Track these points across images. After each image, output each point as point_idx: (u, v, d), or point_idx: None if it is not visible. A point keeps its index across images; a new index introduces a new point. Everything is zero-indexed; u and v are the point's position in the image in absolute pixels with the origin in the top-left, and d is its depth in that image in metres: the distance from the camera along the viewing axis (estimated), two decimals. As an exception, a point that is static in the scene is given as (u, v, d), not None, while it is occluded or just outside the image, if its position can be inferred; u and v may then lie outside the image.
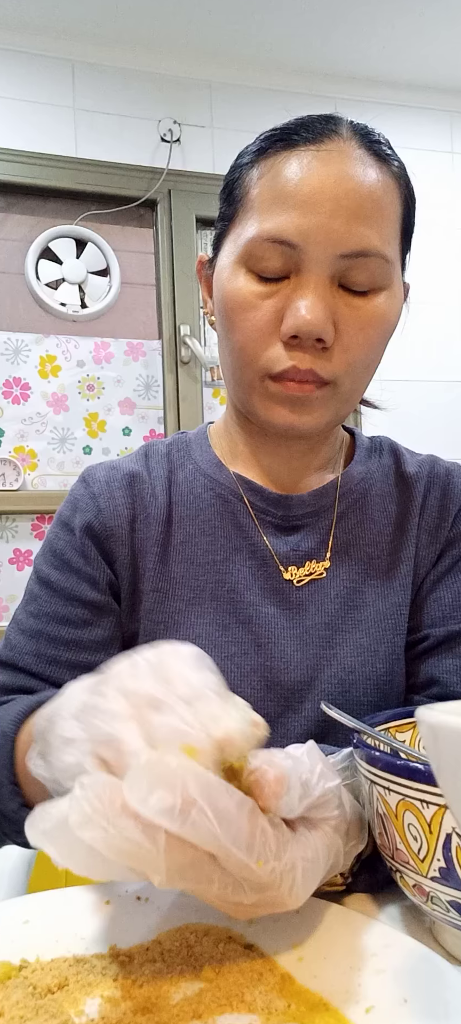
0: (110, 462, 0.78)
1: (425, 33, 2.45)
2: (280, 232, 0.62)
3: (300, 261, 0.63)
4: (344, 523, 0.74)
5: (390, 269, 0.65)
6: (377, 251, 0.63)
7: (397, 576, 0.73)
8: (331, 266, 0.63)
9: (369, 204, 0.62)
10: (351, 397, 0.69)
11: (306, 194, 0.62)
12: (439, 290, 2.68)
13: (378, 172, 0.64)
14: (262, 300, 0.64)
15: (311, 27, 2.39)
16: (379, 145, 0.66)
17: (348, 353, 0.65)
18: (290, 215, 0.62)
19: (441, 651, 0.71)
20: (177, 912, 0.45)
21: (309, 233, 0.61)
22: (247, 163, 0.68)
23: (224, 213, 0.70)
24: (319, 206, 0.61)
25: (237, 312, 0.65)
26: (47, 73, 2.39)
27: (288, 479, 0.75)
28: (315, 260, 0.62)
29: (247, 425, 0.75)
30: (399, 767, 0.41)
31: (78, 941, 0.43)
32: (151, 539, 0.72)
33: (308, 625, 0.70)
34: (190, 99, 2.52)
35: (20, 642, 0.71)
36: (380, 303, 0.65)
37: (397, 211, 0.66)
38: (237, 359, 0.67)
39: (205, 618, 0.70)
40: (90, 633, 0.70)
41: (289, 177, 0.63)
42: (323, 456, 0.76)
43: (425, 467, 0.78)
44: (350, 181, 0.62)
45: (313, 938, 0.42)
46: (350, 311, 0.64)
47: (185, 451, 0.79)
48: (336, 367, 0.65)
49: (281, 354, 0.64)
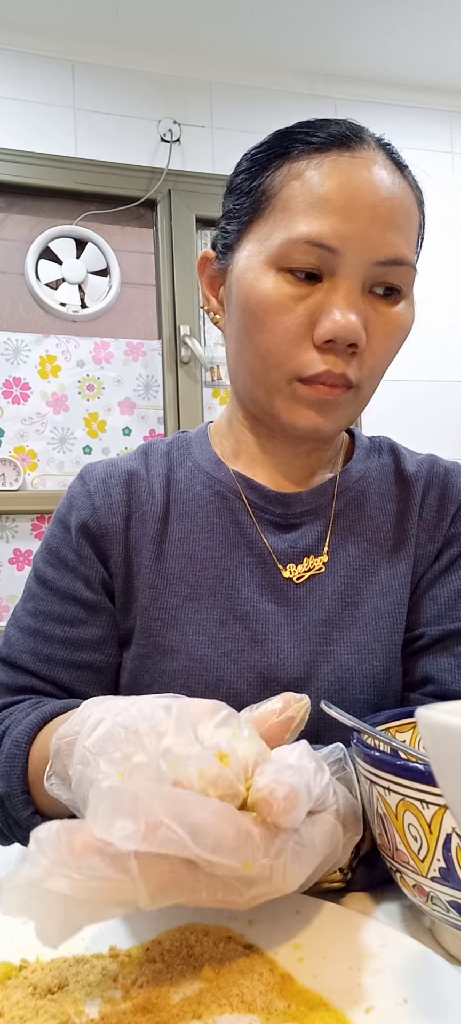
0: (110, 460, 0.78)
1: (425, 33, 2.45)
2: (320, 236, 0.62)
3: (336, 266, 0.63)
4: (342, 521, 0.75)
5: (414, 278, 0.67)
6: (407, 260, 0.65)
7: (395, 575, 0.73)
8: (365, 272, 0.64)
9: (401, 213, 0.64)
10: (367, 398, 0.71)
11: (345, 199, 0.62)
12: (439, 290, 2.68)
13: (401, 180, 0.66)
14: (295, 303, 0.64)
15: (311, 27, 2.39)
16: (396, 154, 0.68)
17: (374, 358, 0.66)
18: (329, 220, 0.62)
19: (437, 649, 0.71)
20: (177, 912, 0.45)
21: (348, 239, 0.62)
22: (269, 161, 0.67)
23: (240, 210, 0.69)
24: (358, 213, 0.62)
25: (268, 314, 0.65)
26: (47, 73, 2.39)
27: (288, 478, 0.76)
28: (352, 266, 0.63)
29: (255, 426, 0.75)
30: (399, 767, 0.41)
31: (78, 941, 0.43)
32: (147, 536, 0.73)
33: (305, 622, 0.70)
34: (190, 99, 2.52)
35: (18, 640, 0.72)
36: (402, 311, 0.67)
37: (417, 221, 0.68)
38: (262, 361, 0.67)
39: (202, 614, 0.70)
40: (85, 632, 0.71)
41: (327, 182, 0.63)
42: (325, 456, 0.77)
43: (424, 466, 0.78)
44: (384, 190, 0.63)
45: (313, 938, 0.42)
46: (378, 317, 0.66)
47: (185, 449, 0.79)
48: (362, 371, 0.66)
49: (314, 357, 0.65)
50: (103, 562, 0.73)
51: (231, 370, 0.74)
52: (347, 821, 0.45)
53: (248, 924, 0.43)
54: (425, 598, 0.73)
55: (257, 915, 0.44)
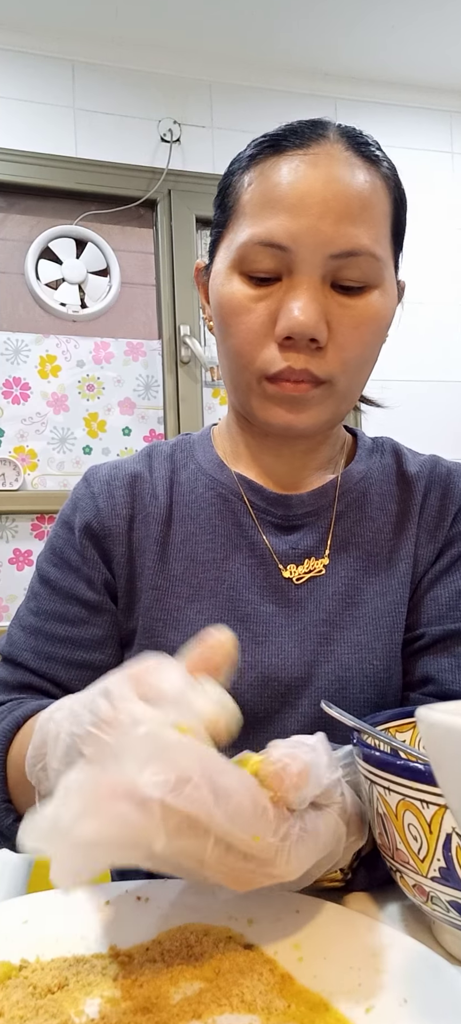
0: (114, 461, 0.79)
1: (425, 33, 2.45)
2: (270, 235, 0.63)
3: (291, 263, 0.64)
4: (343, 521, 0.75)
5: (381, 267, 0.66)
6: (366, 250, 0.64)
7: (396, 574, 0.73)
8: (322, 267, 0.64)
9: (357, 204, 0.63)
10: (348, 395, 0.69)
11: (295, 197, 0.63)
12: (439, 290, 2.68)
13: (366, 173, 0.65)
14: (255, 303, 0.65)
15: (311, 27, 2.39)
16: (367, 147, 0.67)
17: (343, 352, 0.66)
18: (280, 218, 0.63)
19: (437, 649, 0.71)
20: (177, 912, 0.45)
21: (298, 235, 0.63)
22: (238, 170, 0.69)
23: (218, 220, 0.72)
24: (308, 209, 0.63)
25: (232, 316, 0.67)
26: (47, 73, 2.39)
27: (289, 479, 0.76)
28: (306, 262, 0.63)
29: (248, 427, 0.75)
30: (399, 767, 0.41)
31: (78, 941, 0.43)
32: (150, 538, 0.73)
33: (306, 622, 0.71)
34: (190, 99, 2.52)
35: (20, 638, 0.73)
36: (372, 302, 0.66)
37: (386, 211, 0.67)
38: (234, 362, 0.68)
39: (203, 615, 0.71)
40: (86, 631, 0.72)
41: (278, 181, 0.64)
42: (323, 456, 0.77)
43: (426, 467, 0.78)
44: (337, 183, 0.63)
45: (313, 938, 0.42)
46: (343, 310, 0.65)
47: (188, 452, 0.80)
48: (331, 366, 0.66)
49: (276, 355, 0.65)
50: (106, 563, 0.73)
51: (221, 374, 0.75)
52: (352, 824, 0.45)
53: (248, 924, 0.43)
54: (426, 598, 0.73)
55: (257, 915, 0.44)
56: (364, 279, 0.65)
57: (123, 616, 0.73)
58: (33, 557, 2.28)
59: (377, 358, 0.72)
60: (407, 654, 0.73)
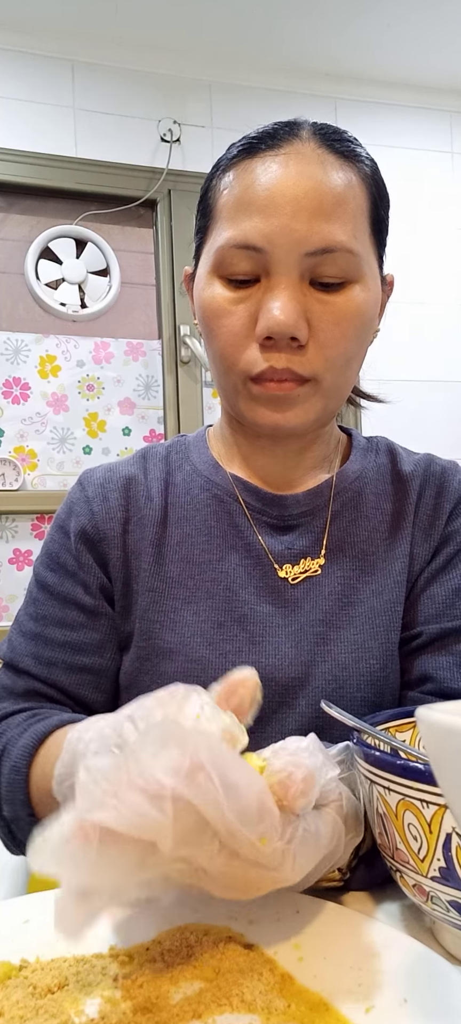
0: (108, 464, 0.79)
1: (425, 33, 2.45)
2: (245, 238, 0.64)
3: (268, 264, 0.64)
4: (339, 521, 0.75)
5: (359, 262, 0.66)
6: (342, 246, 0.64)
7: (391, 573, 0.73)
8: (298, 265, 0.64)
9: (330, 201, 0.64)
10: (336, 393, 0.69)
11: (266, 198, 0.63)
12: (439, 290, 2.68)
13: (339, 170, 0.65)
14: (235, 306, 0.66)
15: (311, 27, 2.39)
16: (341, 143, 0.67)
17: (325, 349, 0.66)
18: (253, 220, 0.64)
19: (435, 648, 0.71)
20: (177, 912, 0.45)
21: (272, 236, 0.63)
22: (216, 174, 0.70)
23: (199, 226, 0.73)
24: (280, 208, 0.63)
25: (213, 320, 0.67)
26: (47, 73, 2.39)
27: (282, 479, 0.76)
28: (281, 261, 0.64)
29: (240, 428, 0.76)
30: (399, 767, 0.41)
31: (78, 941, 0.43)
32: (145, 540, 0.74)
33: (303, 622, 0.71)
34: (190, 99, 2.53)
35: (20, 644, 0.73)
36: (353, 297, 0.66)
37: (363, 205, 0.67)
38: (219, 365, 0.69)
39: (200, 616, 0.71)
40: (85, 635, 0.72)
41: (251, 183, 0.65)
42: (317, 455, 0.77)
43: (421, 466, 0.78)
44: (309, 180, 0.63)
45: (313, 938, 0.42)
46: (323, 307, 0.65)
47: (183, 453, 0.80)
48: (314, 364, 0.66)
49: (257, 356, 0.66)
50: (102, 567, 0.73)
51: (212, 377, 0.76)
52: (349, 821, 0.45)
53: (248, 924, 0.43)
54: (423, 597, 0.73)
55: (257, 915, 0.44)
56: (342, 275, 0.65)
57: (120, 619, 0.73)
58: (33, 557, 2.28)
59: (364, 353, 0.72)
60: (405, 653, 0.73)
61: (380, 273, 0.72)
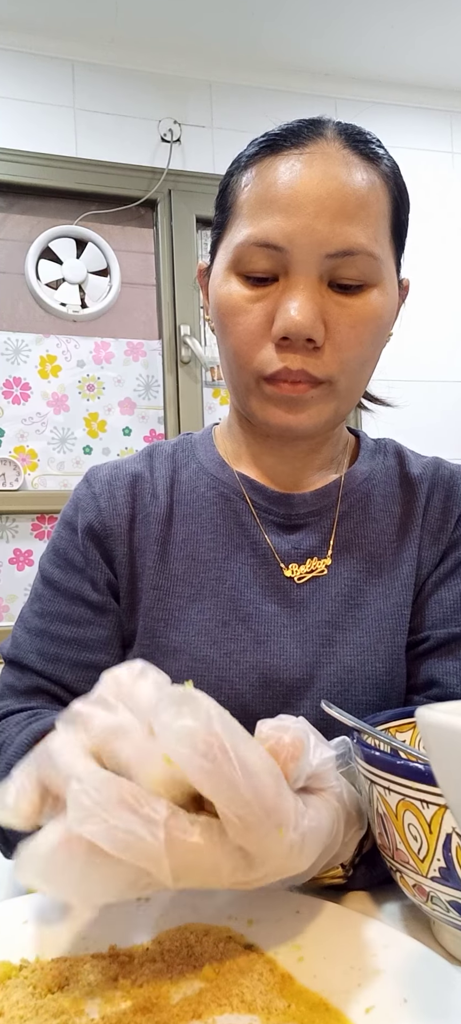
0: (114, 462, 0.79)
1: (425, 33, 2.45)
2: (266, 236, 0.63)
3: (287, 263, 0.63)
4: (346, 522, 0.75)
5: (379, 266, 0.65)
6: (363, 249, 0.63)
7: (399, 576, 0.73)
8: (318, 266, 0.63)
9: (353, 203, 0.63)
10: (349, 396, 0.69)
11: (289, 197, 0.63)
12: (439, 290, 2.68)
13: (363, 171, 0.65)
14: (252, 304, 0.65)
15: (311, 27, 2.39)
16: (365, 144, 0.66)
17: (341, 352, 0.65)
18: (275, 219, 0.63)
19: (441, 653, 0.71)
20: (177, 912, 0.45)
21: (294, 235, 0.62)
22: (236, 170, 0.69)
23: (218, 221, 0.72)
24: (302, 208, 0.62)
25: (229, 317, 0.67)
26: (47, 73, 2.39)
27: (290, 479, 0.76)
28: (301, 261, 0.63)
29: (249, 427, 0.75)
30: (399, 767, 0.41)
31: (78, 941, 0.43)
32: (151, 538, 0.73)
33: (308, 623, 0.70)
34: (190, 99, 2.52)
35: (25, 640, 0.72)
36: (371, 300, 0.65)
37: (385, 209, 0.66)
38: (232, 363, 0.68)
39: (205, 615, 0.71)
40: (92, 632, 0.72)
41: (273, 181, 0.64)
42: (326, 456, 0.76)
43: (429, 469, 0.78)
44: (333, 181, 0.63)
45: (313, 938, 0.42)
46: (341, 310, 0.65)
47: (190, 451, 0.80)
48: (329, 366, 0.65)
49: (273, 356, 0.65)
50: (108, 563, 0.73)
51: (222, 375, 0.75)
52: (350, 815, 0.45)
53: (248, 924, 0.43)
54: (430, 601, 0.73)
55: (257, 915, 0.44)
56: (362, 278, 0.64)
57: (125, 616, 0.73)
58: (33, 557, 2.28)
59: (378, 358, 0.71)
60: (411, 657, 0.72)
61: (397, 277, 0.71)
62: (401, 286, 0.73)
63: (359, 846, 0.49)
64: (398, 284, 0.72)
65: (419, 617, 0.73)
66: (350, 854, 0.47)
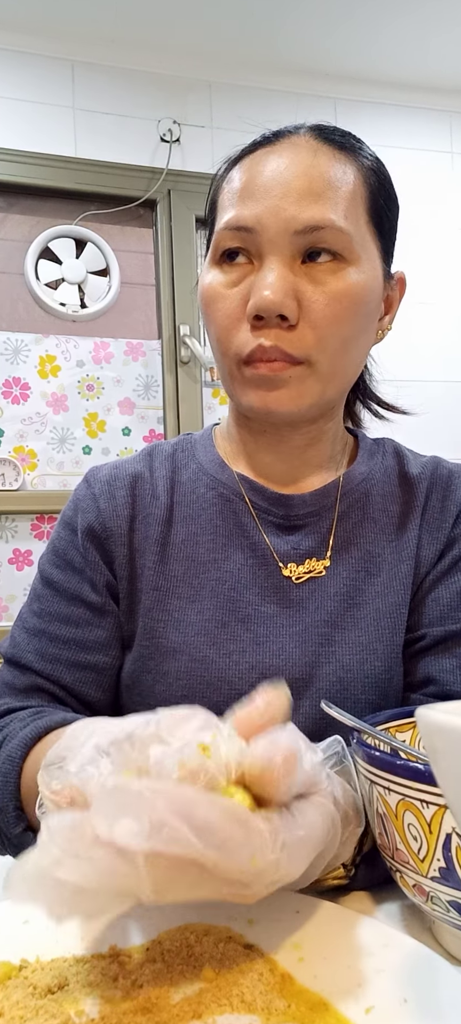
0: (114, 462, 0.79)
1: (425, 33, 2.45)
2: (237, 220, 0.67)
3: (259, 245, 0.66)
4: (345, 522, 0.75)
5: (350, 241, 0.66)
6: (331, 223, 0.65)
7: (397, 575, 0.73)
8: (289, 245, 0.65)
9: (319, 183, 0.65)
10: (333, 378, 0.69)
11: (259, 184, 0.66)
12: (439, 290, 2.68)
13: (331, 157, 0.67)
14: (229, 289, 0.68)
15: (311, 27, 2.39)
16: (338, 136, 0.69)
17: (317, 329, 0.66)
18: (246, 204, 0.66)
19: (438, 650, 0.71)
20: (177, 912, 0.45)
21: (261, 216, 0.65)
22: (219, 177, 0.74)
23: (209, 228, 0.76)
24: (270, 191, 0.65)
25: (210, 305, 0.69)
26: (47, 73, 2.39)
27: (288, 477, 0.76)
28: (270, 241, 0.65)
29: (245, 424, 0.75)
30: (399, 767, 0.41)
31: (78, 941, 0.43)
32: (151, 538, 0.73)
33: (307, 623, 0.70)
34: (190, 99, 2.52)
35: (24, 640, 0.73)
36: (346, 278, 0.66)
37: (358, 192, 0.68)
38: (216, 352, 0.71)
39: (204, 615, 0.71)
40: (91, 633, 0.72)
41: (244, 175, 0.68)
42: (322, 453, 0.76)
43: (428, 468, 0.78)
44: (300, 166, 0.66)
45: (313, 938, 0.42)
46: (315, 287, 0.66)
47: (190, 452, 0.80)
48: (306, 344, 0.66)
49: (248, 337, 0.66)
50: (108, 564, 0.73)
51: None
52: (348, 813, 0.44)
53: (248, 924, 0.43)
54: (428, 599, 0.73)
55: (257, 915, 0.44)
56: (333, 251, 0.66)
57: (124, 617, 0.73)
58: (33, 557, 2.28)
59: (366, 343, 0.71)
60: (409, 655, 0.73)
61: (386, 267, 0.72)
62: (393, 279, 0.74)
63: (359, 845, 0.49)
64: (390, 276, 0.73)
65: (416, 615, 0.73)
66: (350, 853, 0.46)
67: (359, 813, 0.46)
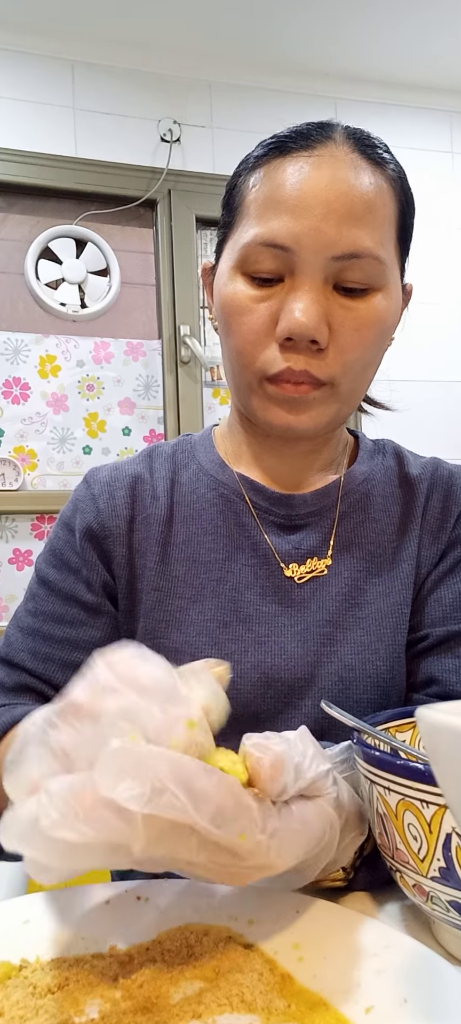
0: (114, 463, 0.79)
1: (425, 33, 2.45)
2: (273, 236, 0.63)
3: (293, 264, 0.64)
4: (346, 522, 0.75)
5: (384, 270, 0.65)
6: (369, 252, 0.64)
7: (399, 576, 0.73)
8: (324, 268, 0.63)
9: (360, 206, 0.63)
10: (351, 398, 0.69)
11: (297, 198, 0.63)
12: (439, 290, 2.68)
13: (371, 176, 0.65)
14: (257, 303, 0.65)
15: (311, 27, 2.39)
16: (373, 149, 0.67)
17: (344, 354, 0.65)
18: (282, 219, 0.63)
19: (441, 650, 0.71)
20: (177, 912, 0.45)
21: (300, 236, 0.63)
22: (244, 171, 0.69)
23: (224, 221, 0.72)
24: (310, 210, 0.63)
25: (234, 316, 0.67)
26: (47, 73, 2.39)
27: (290, 479, 0.76)
28: (307, 263, 0.63)
29: (250, 427, 0.75)
30: (399, 767, 0.41)
31: (78, 941, 0.43)
32: (151, 539, 0.73)
33: (309, 622, 0.71)
34: (190, 99, 2.52)
35: (18, 639, 0.73)
36: (375, 304, 0.66)
37: (391, 214, 0.67)
38: (235, 362, 0.69)
39: (206, 615, 0.71)
40: (85, 633, 0.72)
41: (281, 182, 0.64)
42: (326, 457, 0.77)
43: (428, 469, 0.78)
44: (341, 184, 0.63)
45: (313, 938, 0.42)
46: (345, 312, 0.65)
47: (190, 452, 0.80)
48: (332, 368, 0.66)
49: (276, 356, 0.65)
50: (106, 565, 0.73)
51: (224, 374, 0.76)
52: (351, 820, 0.45)
53: (248, 924, 0.43)
54: (429, 599, 0.73)
55: (257, 915, 0.44)
56: (367, 281, 0.65)
57: (124, 618, 0.73)
58: (33, 557, 2.28)
59: (380, 361, 0.72)
60: (411, 655, 0.73)
61: (401, 281, 0.71)
62: (404, 291, 0.73)
63: (360, 850, 0.49)
64: (404, 288, 0.72)
65: (419, 615, 0.73)
66: (349, 858, 0.47)
67: (363, 821, 0.47)
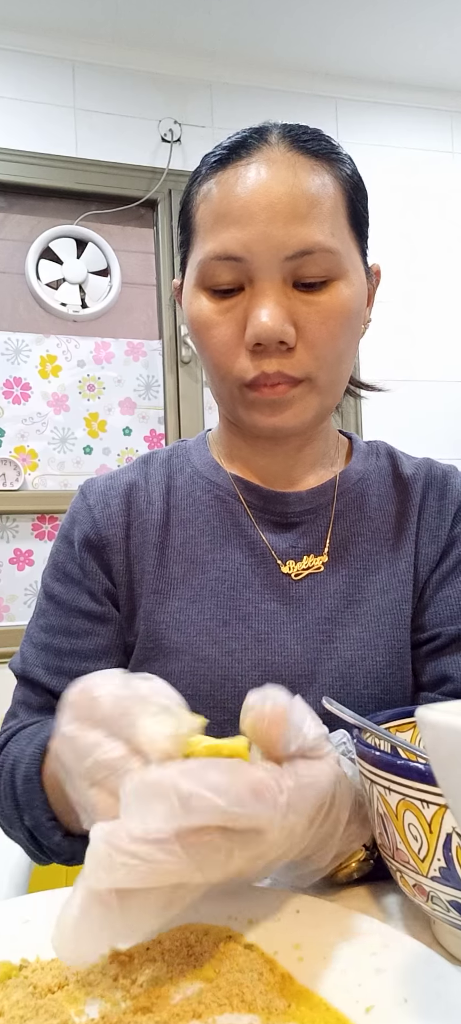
0: (109, 473, 0.80)
1: (425, 33, 2.45)
2: (224, 249, 0.65)
3: (250, 272, 0.65)
4: (342, 520, 0.76)
5: (339, 259, 0.66)
6: (320, 246, 0.64)
7: (396, 573, 0.74)
8: (280, 270, 0.64)
9: (303, 203, 0.64)
10: (331, 388, 0.70)
11: (241, 207, 0.64)
12: (439, 290, 2.68)
13: (310, 171, 0.66)
14: (223, 315, 0.67)
15: (311, 27, 2.39)
16: (311, 142, 0.67)
17: (314, 348, 0.66)
18: (230, 231, 0.65)
19: (453, 648, 0.72)
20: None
21: (250, 244, 0.64)
22: (193, 189, 0.71)
23: (182, 239, 0.74)
24: (255, 216, 0.64)
25: (203, 331, 0.68)
26: (47, 73, 2.39)
27: (284, 477, 0.77)
28: (262, 268, 0.64)
29: (237, 431, 0.77)
30: (399, 767, 0.41)
31: (78, 941, 0.43)
32: (148, 543, 0.74)
33: (308, 619, 0.71)
34: (190, 99, 2.52)
35: (32, 655, 0.74)
36: (338, 294, 0.66)
37: (339, 202, 0.67)
38: (214, 375, 0.70)
39: (206, 615, 0.71)
40: (90, 643, 0.73)
41: (225, 194, 0.66)
42: (316, 451, 0.77)
43: (422, 469, 0.79)
44: (281, 186, 0.64)
45: (313, 938, 0.42)
46: (308, 308, 0.66)
47: (185, 456, 0.81)
48: (305, 364, 0.67)
49: (248, 364, 0.67)
50: (106, 572, 0.74)
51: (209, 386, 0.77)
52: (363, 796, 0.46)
53: (248, 924, 0.43)
54: (436, 600, 0.74)
55: (257, 915, 0.44)
56: (324, 274, 0.66)
57: (126, 623, 0.74)
58: (34, 557, 2.28)
59: (355, 346, 0.72)
60: (423, 656, 0.73)
61: (364, 265, 0.72)
62: (371, 273, 0.74)
63: None
64: (367, 271, 0.73)
65: (425, 616, 0.74)
66: (370, 832, 0.47)
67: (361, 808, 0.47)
